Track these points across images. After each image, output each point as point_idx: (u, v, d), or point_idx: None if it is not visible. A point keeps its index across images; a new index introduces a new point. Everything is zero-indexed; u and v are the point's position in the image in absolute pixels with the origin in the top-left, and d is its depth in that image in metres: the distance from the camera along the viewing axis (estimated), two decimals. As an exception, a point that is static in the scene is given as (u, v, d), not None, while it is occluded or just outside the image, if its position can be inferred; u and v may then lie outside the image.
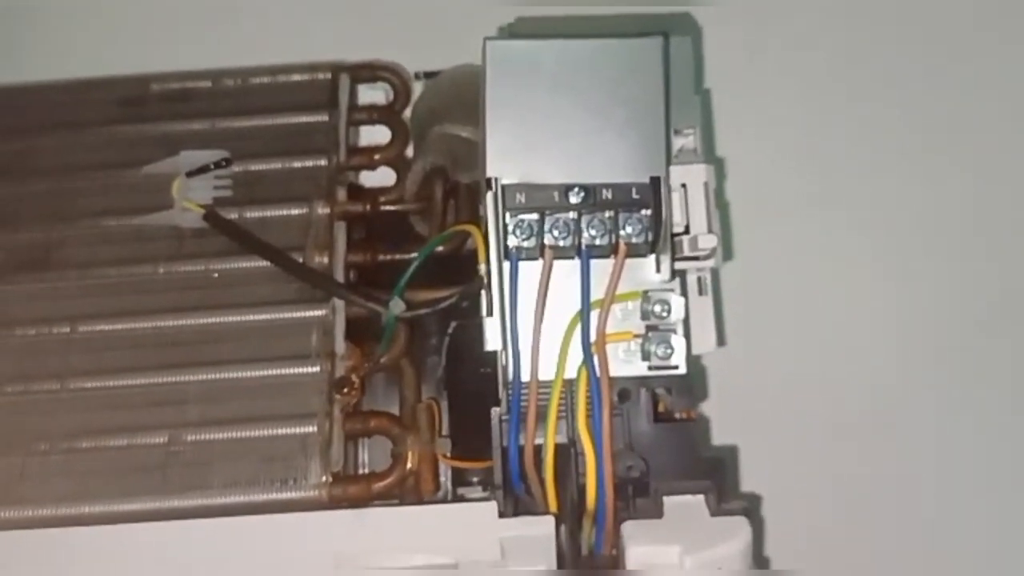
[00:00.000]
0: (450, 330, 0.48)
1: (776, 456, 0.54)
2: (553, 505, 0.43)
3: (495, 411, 0.42)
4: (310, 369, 0.45)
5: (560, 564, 0.45)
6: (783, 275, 0.57)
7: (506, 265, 0.43)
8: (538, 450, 0.44)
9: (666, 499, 0.44)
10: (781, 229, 0.58)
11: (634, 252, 0.44)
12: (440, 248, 0.49)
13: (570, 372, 0.43)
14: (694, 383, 0.45)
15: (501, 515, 0.41)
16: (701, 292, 0.48)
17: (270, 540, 0.40)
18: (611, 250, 0.44)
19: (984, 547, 0.57)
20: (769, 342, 0.56)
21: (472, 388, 0.47)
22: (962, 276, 0.59)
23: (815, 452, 0.56)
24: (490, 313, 0.42)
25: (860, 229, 0.59)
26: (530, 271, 0.44)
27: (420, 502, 0.45)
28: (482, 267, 0.43)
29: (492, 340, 0.42)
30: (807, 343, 0.57)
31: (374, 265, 0.49)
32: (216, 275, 0.47)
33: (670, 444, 0.44)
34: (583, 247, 0.43)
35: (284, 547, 0.40)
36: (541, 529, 0.41)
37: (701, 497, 0.43)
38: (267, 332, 0.46)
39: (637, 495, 0.45)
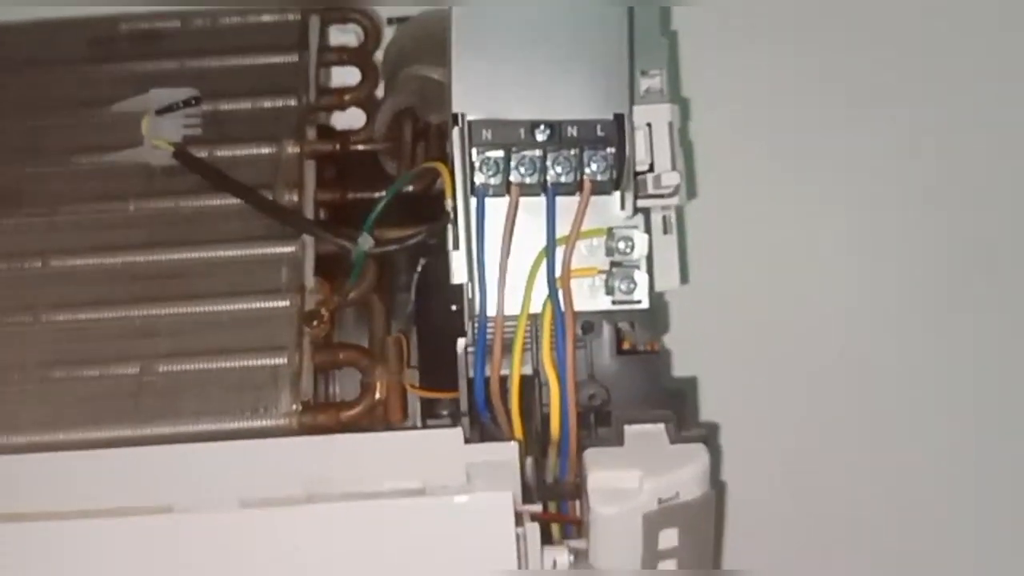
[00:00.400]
0: (419, 268, 0.49)
1: (735, 388, 0.56)
2: (518, 433, 0.44)
3: (461, 341, 0.44)
4: (280, 303, 0.46)
5: (525, 493, 0.47)
6: (748, 215, 0.58)
7: (473, 201, 0.44)
8: (503, 381, 0.46)
9: (627, 428, 0.45)
10: (749, 171, 0.59)
11: (599, 189, 0.45)
12: (409, 188, 0.50)
13: (535, 307, 0.45)
14: (657, 318, 0.46)
15: (467, 441, 0.42)
16: (666, 231, 0.49)
17: (241, 464, 0.41)
18: (576, 187, 0.44)
19: (947, 483, 0.59)
20: (733, 280, 0.57)
21: (441, 324, 0.48)
22: (935, 215, 0.60)
23: (775, 386, 0.57)
24: (456, 247, 0.43)
25: (830, 169, 0.60)
26: (497, 208, 0.45)
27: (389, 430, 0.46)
28: (448, 203, 0.44)
29: (458, 273, 0.43)
30: (772, 281, 0.58)
31: (344, 203, 0.49)
32: (186, 211, 0.47)
33: (632, 376, 0.46)
34: (549, 184, 0.44)
35: (255, 471, 0.41)
36: (505, 455, 0.42)
37: (661, 426, 0.45)
38: (237, 267, 0.46)
39: (599, 424, 0.47)
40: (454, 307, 0.48)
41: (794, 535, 0.58)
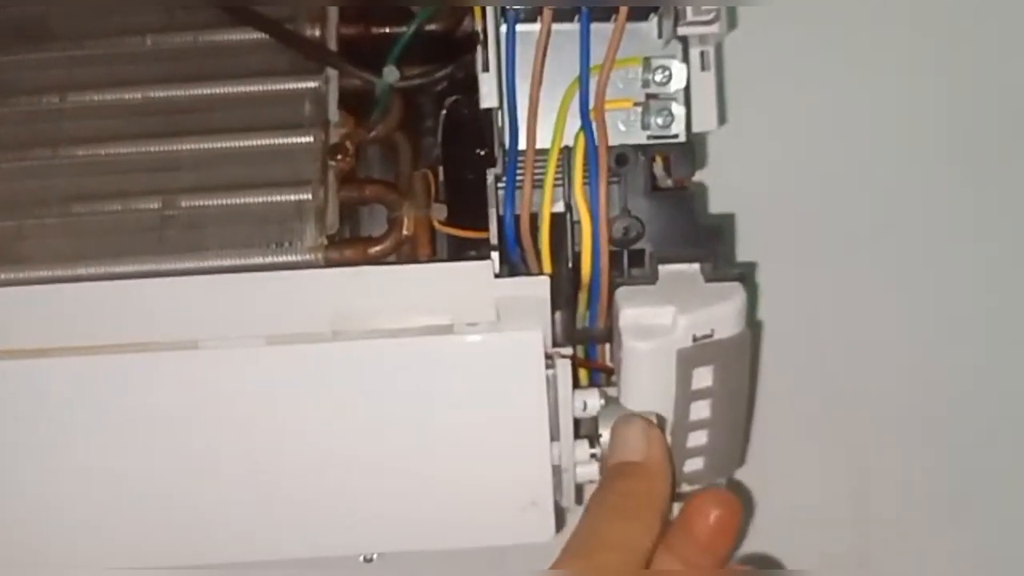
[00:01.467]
0: (446, 105, 0.48)
1: (772, 225, 0.54)
2: (548, 267, 0.43)
3: (491, 172, 0.42)
4: (304, 139, 0.44)
5: (553, 337, 0.46)
6: (789, 53, 0.55)
7: (503, 26, 0.42)
8: (533, 219, 0.45)
9: (661, 268, 0.44)
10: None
11: (635, 15, 0.43)
12: (435, 26, 0.48)
13: (567, 139, 0.43)
14: (693, 153, 0.44)
15: (496, 275, 0.41)
16: (704, 67, 0.47)
17: (266, 297, 0.40)
18: (612, 12, 0.42)
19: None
20: (771, 119, 0.54)
21: (468, 165, 0.46)
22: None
23: (812, 227, 0.55)
24: (486, 68, 0.41)
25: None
26: (528, 39, 0.42)
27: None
28: (478, 23, 0.42)
29: (488, 97, 0.41)
30: (812, 121, 0.55)
31: (367, 38, 0.47)
32: (206, 46, 0.45)
33: (667, 213, 0.44)
34: (583, 8, 0.42)
35: (280, 305, 0.41)
36: (536, 289, 0.41)
37: (696, 266, 0.44)
38: (260, 102, 0.45)
39: (632, 265, 0.45)
40: (481, 151, 0.47)
41: (831, 372, 0.57)
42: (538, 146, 0.43)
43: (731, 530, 0.40)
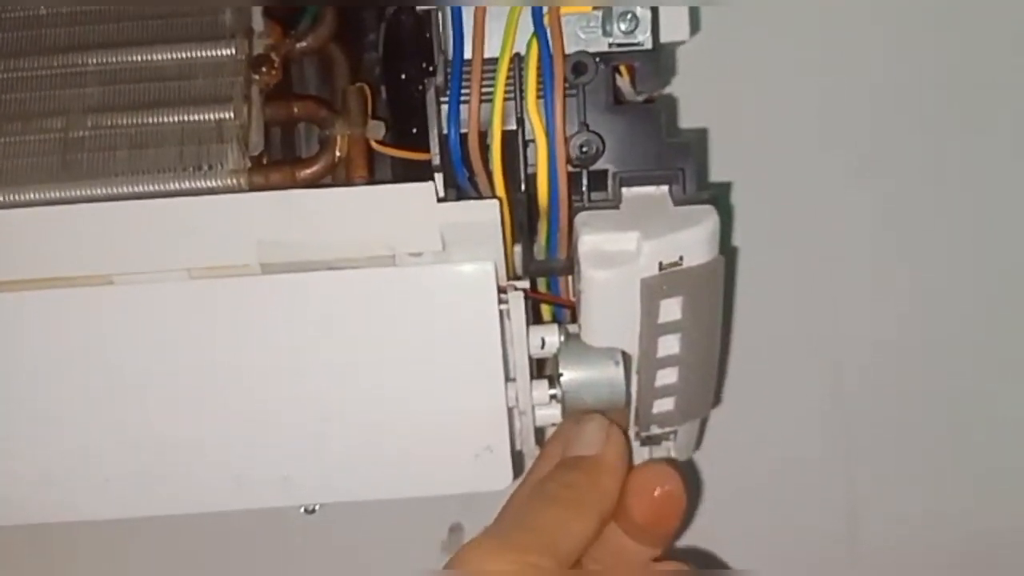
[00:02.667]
0: (387, 16, 0.43)
1: (747, 142, 0.50)
2: (500, 190, 0.39)
3: (431, 83, 0.38)
4: (224, 51, 0.39)
5: (509, 270, 0.42)
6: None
7: (445, -83, 0.38)
8: (483, 137, 0.40)
9: (625, 191, 0.40)
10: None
11: (594, -95, 0.39)
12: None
13: (519, 47, 0.38)
14: (661, 62, 0.40)
15: (441, 199, 0.37)
16: (673, -32, 0.43)
17: (185, 225, 0.36)
18: (567, -101, 0.39)
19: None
20: (748, 25, 0.50)
21: (412, 82, 0.42)
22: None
23: (790, 141, 0.52)
24: (424, -36, 0.37)
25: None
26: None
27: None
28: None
29: (426, -5, 0.37)
30: (796, 29, 0.51)
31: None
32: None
33: (631, 130, 0.39)
34: None
35: (201, 233, 0.36)
36: (485, 214, 0.37)
37: (665, 189, 0.40)
38: (174, 10, 0.40)
39: (593, 189, 0.41)
40: (428, 65, 0.42)
41: (809, 300, 0.54)
42: (486, 55, 0.38)
43: (673, 510, 0.37)
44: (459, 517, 0.61)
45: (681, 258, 0.38)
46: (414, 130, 0.42)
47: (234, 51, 0.40)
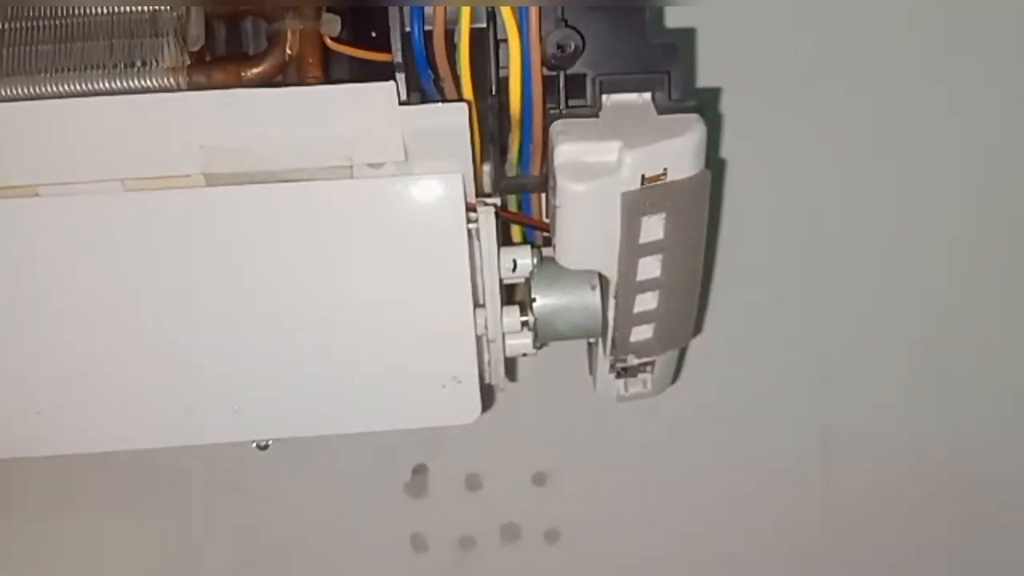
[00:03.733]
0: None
1: (738, 46, 0.47)
2: (468, 94, 0.36)
3: (392, -29, 0.34)
4: (160, -65, 0.36)
5: (478, 186, 0.39)
6: None
7: None
8: (449, 36, 0.37)
9: (605, 99, 0.37)
10: None
11: None
12: None
13: (489, -66, 0.36)
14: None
15: (403, 103, 0.34)
16: None
17: (119, 128, 0.33)
18: None
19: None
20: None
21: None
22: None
23: (784, 49, 0.49)
24: None
25: None
26: None
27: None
28: None
29: None
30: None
31: None
32: None
33: (612, 31, 0.36)
34: None
35: (136, 136, 0.33)
36: (452, 118, 0.33)
37: (647, 96, 0.37)
38: None
39: (571, 96, 0.38)
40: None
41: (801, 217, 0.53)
42: (454, -56, 0.36)
43: None
44: (423, 459, 0.60)
45: (665, 171, 0.35)
46: (373, 33, 0.39)
47: (170, -65, 0.36)
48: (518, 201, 0.41)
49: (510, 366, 0.41)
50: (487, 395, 0.40)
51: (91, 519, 0.56)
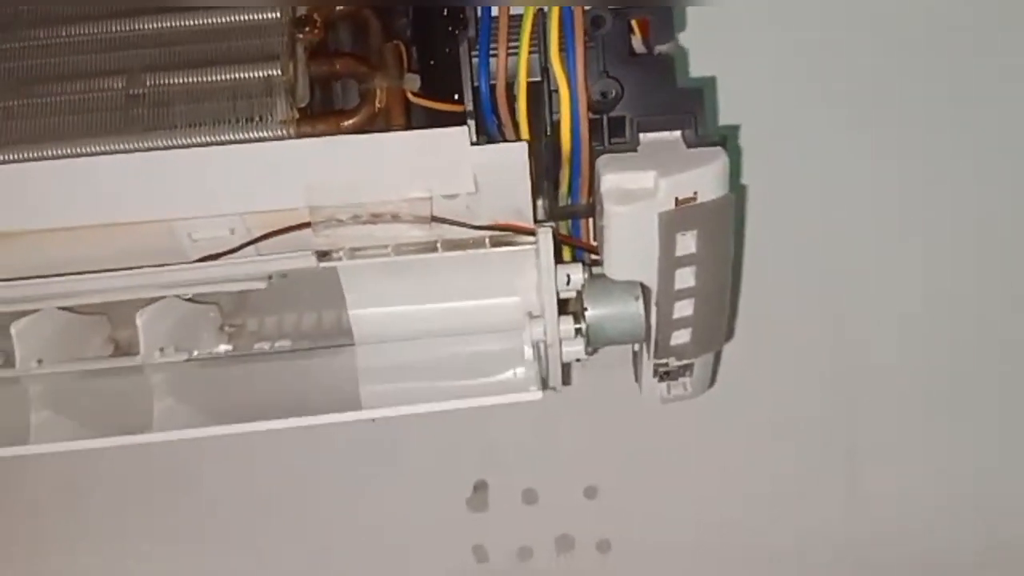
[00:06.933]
0: (418, -19, 0.46)
1: (754, 88, 0.54)
2: (526, 136, 0.42)
3: (463, 35, 0.41)
4: (270, 13, 0.43)
5: (535, 212, 0.45)
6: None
7: None
8: (510, 88, 0.44)
9: (642, 137, 0.43)
10: None
11: None
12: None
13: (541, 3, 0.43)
14: (673, 15, 0.43)
15: (473, 143, 0.40)
16: (681, -67, 0.46)
17: (239, 169, 0.39)
18: None
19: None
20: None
21: (441, 39, 0.45)
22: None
23: (796, 90, 0.55)
24: (456, -71, 0.40)
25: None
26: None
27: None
28: None
29: (459, -46, 0.41)
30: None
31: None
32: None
33: (646, 79, 0.43)
34: None
35: (253, 177, 0.39)
36: (514, 156, 0.40)
37: (678, 134, 0.43)
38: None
39: (612, 135, 0.44)
40: (454, 30, 0.45)
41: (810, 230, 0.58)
42: (512, 12, 0.42)
43: None
44: (483, 475, 0.64)
45: (695, 194, 0.41)
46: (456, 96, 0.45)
47: (279, 13, 0.43)
48: (567, 227, 0.48)
49: (565, 371, 0.47)
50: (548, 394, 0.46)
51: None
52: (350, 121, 0.42)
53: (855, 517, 0.62)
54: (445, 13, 0.45)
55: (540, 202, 0.46)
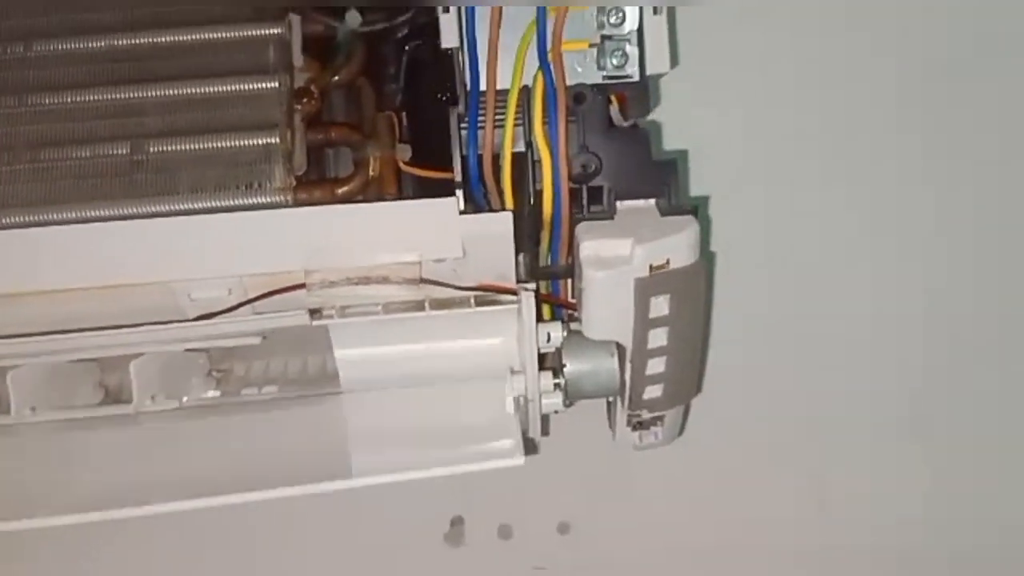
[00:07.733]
0: (408, 48, 0.49)
1: (723, 163, 0.57)
2: (510, 204, 0.45)
3: (453, 110, 0.44)
4: (269, 84, 0.45)
5: (517, 272, 0.48)
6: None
7: (462, -29, 0.44)
8: (496, 159, 0.46)
9: (619, 204, 0.46)
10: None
11: (589, -41, 0.45)
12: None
13: (526, 80, 0.44)
14: (647, 93, 0.46)
15: (461, 212, 0.43)
16: (656, 11, 0.48)
17: (239, 235, 0.42)
18: (567, -43, 0.44)
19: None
20: (726, 62, 0.57)
21: (431, 109, 0.48)
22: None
23: (767, 159, 0.59)
24: (447, 10, 0.43)
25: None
26: (486, -15, 0.44)
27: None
28: (438, -32, 0.43)
29: (448, 36, 0.43)
30: (763, 65, 0.58)
31: (329, -13, 0.49)
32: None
33: (623, 151, 0.45)
34: (538, -48, 0.44)
35: (253, 241, 0.42)
36: (500, 225, 0.43)
37: (652, 202, 0.46)
38: (224, 48, 0.45)
39: (591, 202, 0.47)
40: (443, 96, 0.48)
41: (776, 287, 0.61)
42: (498, 87, 0.44)
43: None
44: (460, 511, 0.67)
45: (668, 261, 0.44)
46: (432, 149, 0.47)
47: (278, 84, 0.45)
48: (548, 287, 0.50)
49: (544, 422, 0.49)
50: (528, 446, 0.48)
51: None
52: (345, 188, 0.45)
53: (830, 544, 0.64)
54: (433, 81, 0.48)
55: (522, 258, 0.49)
